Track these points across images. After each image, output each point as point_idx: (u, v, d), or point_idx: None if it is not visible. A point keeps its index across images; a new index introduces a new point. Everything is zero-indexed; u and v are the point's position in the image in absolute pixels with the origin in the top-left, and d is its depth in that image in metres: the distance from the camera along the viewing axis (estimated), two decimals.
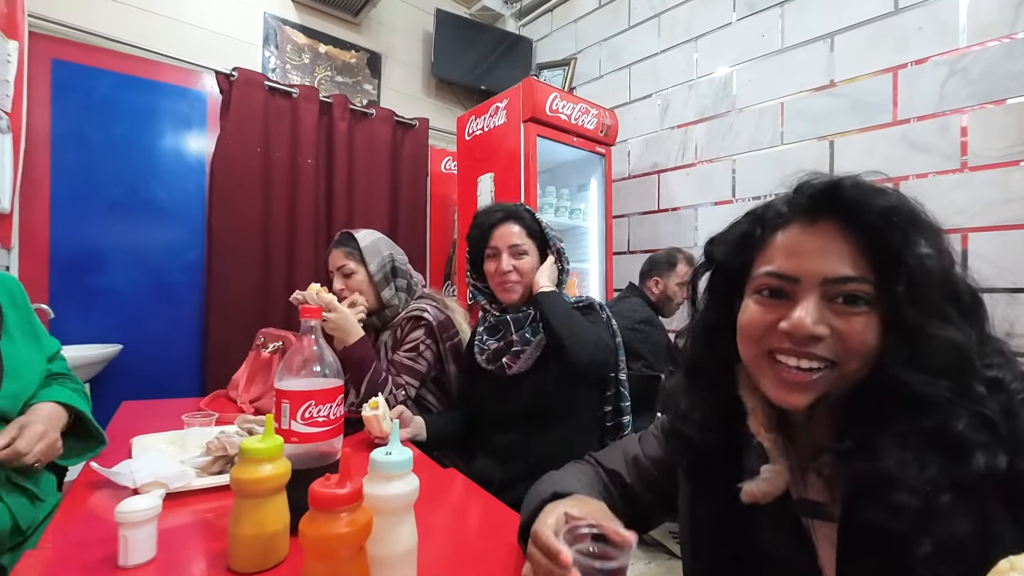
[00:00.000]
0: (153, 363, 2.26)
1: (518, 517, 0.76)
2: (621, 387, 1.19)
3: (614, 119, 2.51)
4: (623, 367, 1.19)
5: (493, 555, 0.66)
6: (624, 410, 1.19)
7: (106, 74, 2.23)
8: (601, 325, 1.18)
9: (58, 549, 0.62)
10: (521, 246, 1.19)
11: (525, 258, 1.19)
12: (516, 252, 1.19)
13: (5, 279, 0.95)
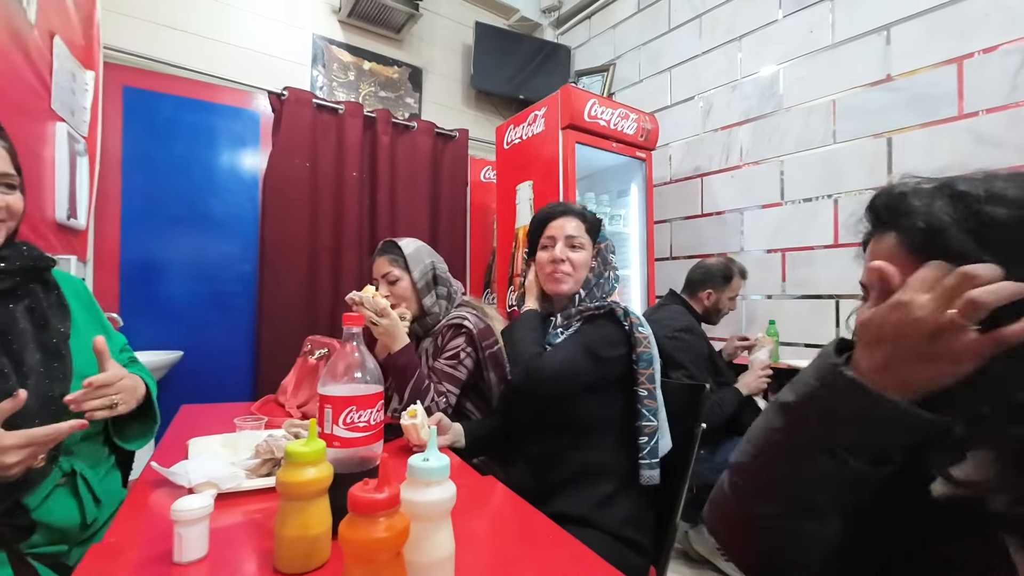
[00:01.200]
0: (210, 368, 2.38)
1: (555, 527, 0.75)
2: (639, 404, 1.06)
3: (654, 123, 2.47)
4: (643, 379, 1.07)
5: (529, 564, 0.65)
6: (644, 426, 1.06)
7: (170, 98, 2.39)
8: (603, 333, 1.09)
9: (120, 544, 0.66)
10: (578, 239, 1.16)
11: (581, 252, 1.17)
12: (572, 244, 1.17)
13: (72, 280, 1.02)
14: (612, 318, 1.11)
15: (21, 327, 0.83)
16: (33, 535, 0.79)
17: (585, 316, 1.14)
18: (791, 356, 2.10)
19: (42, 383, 0.82)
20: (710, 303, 1.94)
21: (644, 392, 1.06)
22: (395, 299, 1.41)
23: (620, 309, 1.11)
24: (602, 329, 1.11)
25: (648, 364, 1.08)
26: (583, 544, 0.68)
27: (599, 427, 1.09)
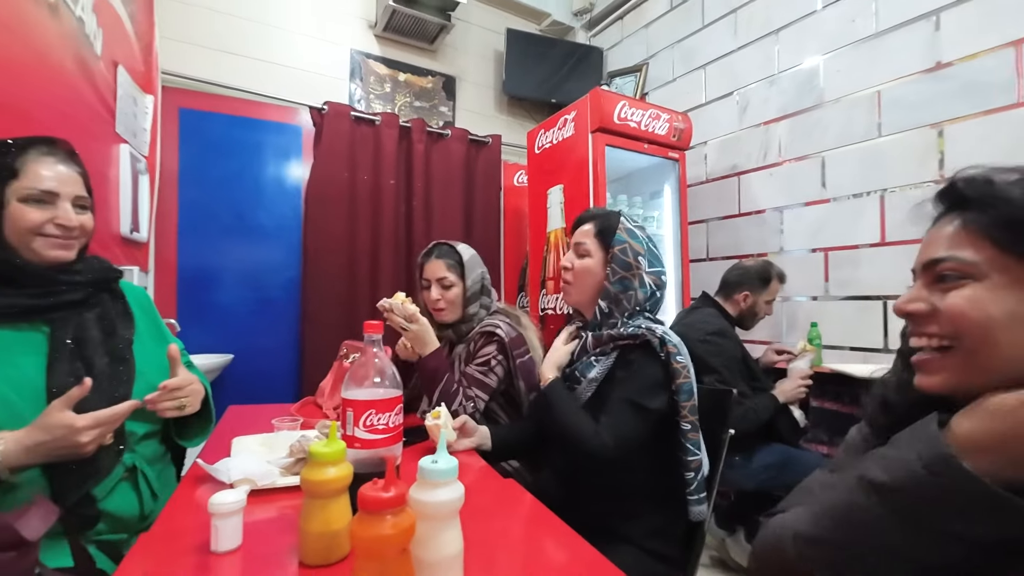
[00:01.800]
0: (258, 371, 2.51)
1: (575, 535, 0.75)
2: (683, 438, 1.02)
3: (687, 122, 2.43)
4: (685, 412, 1.02)
5: (541, 569, 0.67)
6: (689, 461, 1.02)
7: (221, 117, 2.55)
8: (644, 377, 1.03)
9: (165, 533, 0.72)
10: (583, 245, 1.13)
11: (584, 260, 1.13)
12: (577, 251, 1.14)
13: (135, 289, 1.11)
14: (648, 351, 1.04)
15: (92, 334, 0.92)
16: (99, 524, 0.87)
17: (620, 345, 1.07)
18: (835, 360, 2.01)
19: (108, 385, 0.90)
20: (746, 306, 1.88)
21: (687, 426, 1.02)
22: (445, 303, 1.42)
23: (655, 339, 1.03)
24: (642, 370, 1.03)
25: (689, 395, 1.02)
26: (600, 553, 0.69)
27: (635, 450, 1.05)
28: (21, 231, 0.84)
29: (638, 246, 1.10)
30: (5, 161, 0.84)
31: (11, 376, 0.80)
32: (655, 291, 1.12)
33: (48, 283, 0.88)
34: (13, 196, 0.84)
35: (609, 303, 1.10)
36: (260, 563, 0.65)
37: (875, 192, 1.98)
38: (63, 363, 0.85)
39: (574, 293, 1.15)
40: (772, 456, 1.69)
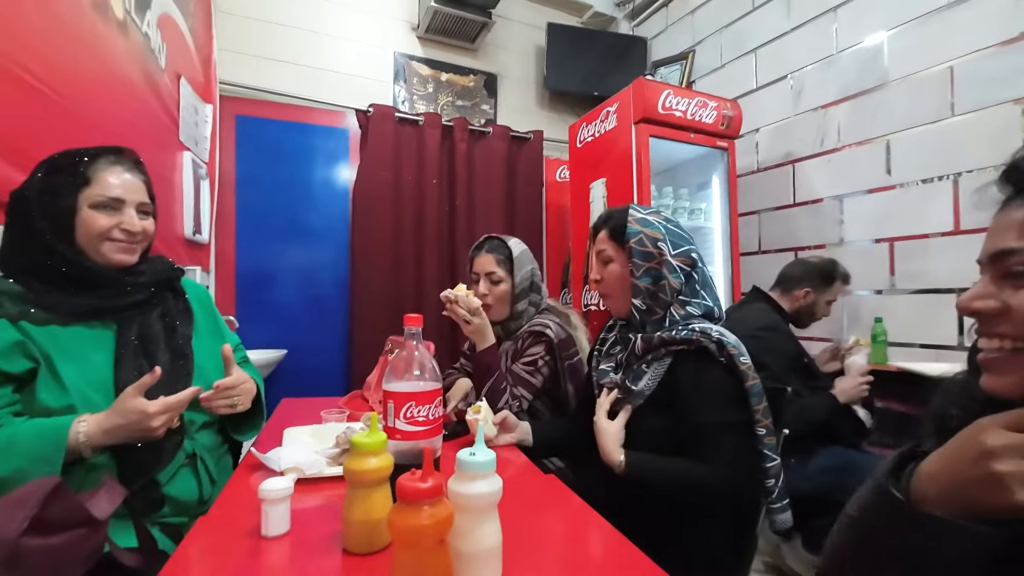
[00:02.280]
0: (309, 365, 2.62)
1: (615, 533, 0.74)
2: (759, 445, 0.96)
3: (737, 110, 2.33)
4: (758, 416, 0.95)
5: (582, 567, 0.65)
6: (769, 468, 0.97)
7: (275, 123, 2.66)
8: (715, 390, 0.96)
9: (221, 517, 0.76)
10: (604, 252, 1.09)
11: (609, 266, 1.08)
12: (600, 260, 1.10)
13: (196, 287, 1.18)
14: (707, 357, 0.96)
15: (155, 331, 0.97)
16: (163, 507, 0.93)
17: (674, 351, 1.00)
18: (903, 358, 1.87)
19: (170, 380, 0.95)
20: (805, 303, 1.77)
21: (762, 430, 0.95)
22: (492, 299, 1.42)
23: (712, 343, 0.96)
24: (712, 383, 0.96)
25: (760, 398, 0.95)
26: (647, 557, 0.66)
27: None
28: (91, 236, 0.91)
29: (654, 232, 1.03)
30: (79, 170, 0.91)
31: (84, 370, 0.86)
32: (689, 272, 1.04)
33: (115, 285, 0.94)
34: (85, 203, 0.90)
35: (644, 299, 1.04)
36: (306, 549, 0.67)
37: (947, 177, 1.83)
38: (129, 359, 0.91)
39: (611, 301, 1.11)
40: (831, 459, 1.59)
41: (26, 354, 0.82)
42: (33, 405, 0.82)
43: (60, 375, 0.83)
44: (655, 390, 1.00)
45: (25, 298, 0.84)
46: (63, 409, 0.82)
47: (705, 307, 1.04)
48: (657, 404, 1.00)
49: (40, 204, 0.87)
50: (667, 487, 0.94)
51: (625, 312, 1.09)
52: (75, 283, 0.89)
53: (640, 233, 1.03)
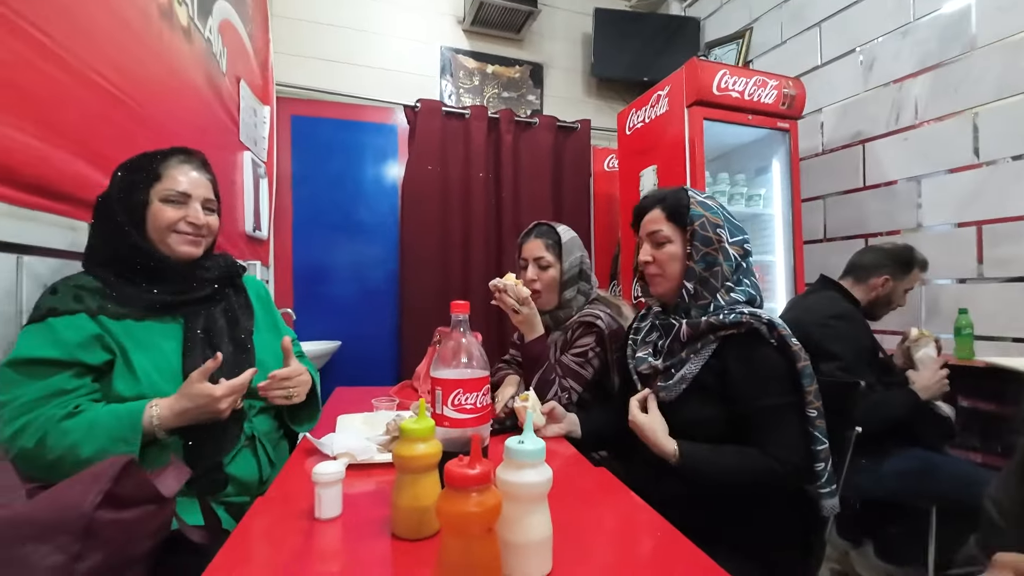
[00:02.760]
0: (362, 356, 2.69)
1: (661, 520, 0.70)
2: (810, 427, 0.92)
3: (799, 88, 2.18)
4: (810, 398, 0.93)
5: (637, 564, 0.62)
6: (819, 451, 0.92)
7: (327, 121, 2.75)
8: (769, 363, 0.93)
9: (278, 498, 0.78)
10: (660, 233, 1.05)
11: (666, 247, 1.04)
12: (654, 241, 1.06)
13: (254, 282, 1.22)
14: (758, 339, 0.95)
15: (219, 325, 1.03)
16: (227, 487, 0.97)
17: (720, 336, 0.97)
18: (991, 352, 1.70)
19: (232, 372, 0.99)
20: (883, 292, 1.63)
21: (813, 412, 0.92)
22: (541, 285, 1.40)
23: (762, 324, 0.94)
24: (764, 364, 0.93)
25: (811, 379, 0.93)
26: (704, 553, 0.63)
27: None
28: (160, 227, 0.97)
29: (715, 218, 1.02)
30: (151, 167, 0.98)
31: (155, 360, 0.92)
32: (740, 262, 1.03)
33: (183, 280, 1.00)
34: (155, 197, 0.97)
35: (695, 283, 1.02)
36: (357, 532, 0.68)
37: None
38: (195, 350, 0.96)
39: (663, 283, 1.07)
40: (908, 462, 1.46)
41: (104, 346, 0.87)
42: (109, 394, 0.88)
43: (134, 366, 0.88)
44: (702, 376, 0.98)
45: (103, 294, 0.90)
46: (135, 397, 0.87)
47: (749, 294, 1.03)
48: (704, 391, 0.98)
49: (119, 199, 0.94)
50: (724, 474, 0.92)
51: (671, 295, 1.07)
52: (147, 277, 0.95)
53: (703, 217, 1.02)
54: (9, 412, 0.79)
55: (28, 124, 0.91)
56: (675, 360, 1.02)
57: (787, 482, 0.90)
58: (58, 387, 0.83)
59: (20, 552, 0.52)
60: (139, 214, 0.95)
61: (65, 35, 1.01)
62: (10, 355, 0.82)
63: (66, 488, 0.58)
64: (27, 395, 0.80)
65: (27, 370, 0.81)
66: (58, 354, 0.82)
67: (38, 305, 0.86)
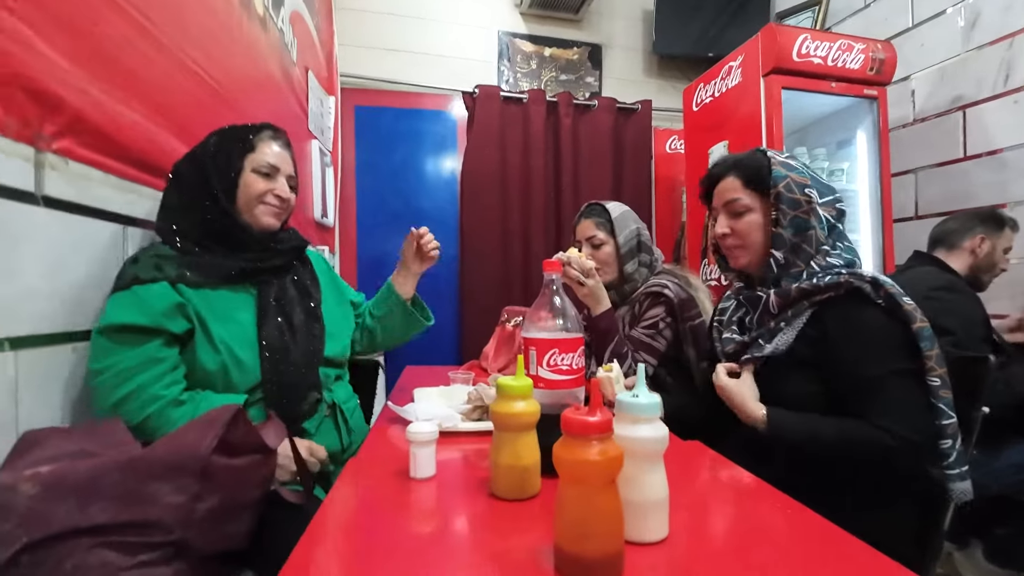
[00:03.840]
0: (424, 339, 2.70)
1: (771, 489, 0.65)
2: (932, 398, 0.82)
3: (890, 51, 2.01)
4: (931, 363, 0.81)
5: (762, 535, 0.58)
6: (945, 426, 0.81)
7: (389, 111, 2.79)
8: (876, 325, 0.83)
9: (369, 460, 0.79)
10: (738, 202, 0.95)
11: (745, 217, 0.95)
12: (732, 211, 0.97)
13: (317, 256, 1.25)
14: (861, 299, 0.84)
15: (290, 294, 1.05)
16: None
17: (817, 301, 0.88)
18: None
19: (306, 339, 1.02)
20: (982, 253, 1.47)
21: (936, 380, 0.80)
22: (598, 263, 1.36)
23: (864, 283, 0.84)
24: (870, 326, 0.83)
25: (932, 342, 0.81)
26: (820, 515, 0.58)
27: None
28: (250, 197, 0.99)
29: (801, 178, 0.92)
30: (247, 137, 1.01)
31: (232, 328, 0.93)
32: (834, 223, 0.93)
33: (261, 249, 1.02)
34: (248, 166, 0.99)
35: (786, 252, 0.92)
36: (454, 491, 0.67)
37: None
38: (270, 318, 0.98)
39: (745, 255, 0.98)
40: None
41: (185, 315, 0.88)
42: (195, 365, 0.89)
43: (212, 336, 0.89)
44: (796, 347, 0.89)
45: (181, 262, 0.91)
46: (218, 369, 0.89)
47: (847, 259, 0.91)
48: (800, 363, 0.88)
49: (214, 164, 0.96)
50: (822, 446, 0.82)
51: (755, 266, 0.97)
52: (227, 244, 0.97)
53: (787, 177, 0.91)
54: (110, 379, 0.80)
55: (136, 103, 0.96)
56: (766, 332, 0.93)
57: (901, 459, 0.79)
58: (152, 355, 0.84)
59: (148, 489, 0.55)
60: (231, 181, 0.97)
61: (164, 20, 1.06)
62: (100, 323, 0.83)
63: (183, 433, 0.60)
64: (123, 362, 0.81)
65: (119, 337, 0.82)
66: (146, 321, 0.83)
67: (121, 274, 0.87)
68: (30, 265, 0.74)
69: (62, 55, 0.78)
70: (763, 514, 0.63)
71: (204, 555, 0.62)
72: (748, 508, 0.65)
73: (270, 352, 0.93)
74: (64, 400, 0.81)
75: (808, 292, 0.88)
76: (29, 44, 0.72)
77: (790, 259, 0.92)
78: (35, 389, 0.75)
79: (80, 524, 0.55)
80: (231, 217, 0.97)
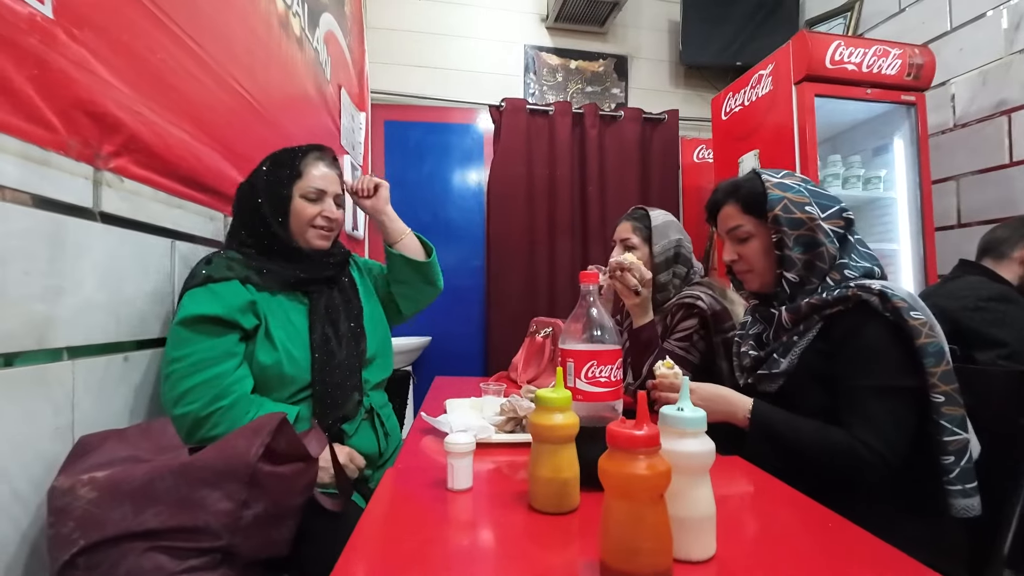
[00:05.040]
0: (451, 350, 2.75)
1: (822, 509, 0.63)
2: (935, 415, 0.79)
3: (928, 56, 1.96)
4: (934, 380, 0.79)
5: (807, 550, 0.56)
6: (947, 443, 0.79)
7: (417, 125, 2.85)
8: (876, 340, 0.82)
9: (407, 470, 0.80)
10: (740, 229, 0.97)
11: (749, 243, 0.97)
12: (735, 238, 0.98)
13: (363, 260, 1.29)
14: (867, 313, 0.83)
15: (337, 303, 1.10)
16: None
17: (826, 315, 0.88)
18: None
19: (351, 344, 1.07)
20: None
21: (939, 397, 0.79)
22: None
23: (872, 295, 0.83)
24: (870, 341, 0.83)
25: (938, 359, 0.79)
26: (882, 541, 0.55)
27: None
28: (301, 223, 1.04)
29: (798, 196, 0.92)
30: (294, 164, 1.05)
31: (289, 330, 0.99)
32: (844, 234, 0.93)
33: (314, 263, 1.07)
34: (297, 193, 1.04)
35: (797, 272, 0.92)
36: (493, 503, 0.67)
37: None
38: (320, 323, 1.03)
39: (755, 279, 1.00)
40: None
41: (255, 312, 0.94)
42: (252, 362, 0.94)
43: (272, 335, 0.95)
44: (807, 360, 0.89)
45: (248, 266, 0.97)
46: (273, 364, 0.93)
47: (863, 268, 0.91)
48: (812, 379, 0.89)
49: (266, 193, 1.02)
50: (800, 446, 0.84)
51: (770, 286, 0.98)
52: (285, 259, 1.03)
53: (783, 199, 0.92)
54: (185, 368, 0.84)
55: (184, 122, 1.01)
56: (778, 345, 0.94)
57: (870, 473, 0.78)
58: (229, 348, 0.88)
59: (199, 494, 0.56)
60: (283, 208, 1.02)
61: (210, 43, 1.11)
62: (178, 316, 0.87)
63: (231, 440, 0.62)
64: (201, 352, 0.85)
65: (199, 328, 0.86)
66: (224, 313, 0.88)
67: (194, 273, 0.92)
68: (88, 278, 0.78)
69: (121, 79, 0.82)
70: (809, 530, 0.61)
71: (248, 561, 0.63)
72: (793, 525, 0.63)
73: (319, 354, 0.98)
74: (116, 407, 0.85)
75: (817, 307, 0.89)
76: (92, 70, 0.76)
77: (804, 277, 0.93)
78: (90, 396, 0.78)
79: (134, 528, 0.57)
80: (285, 240, 1.03)
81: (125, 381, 0.87)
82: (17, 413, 0.65)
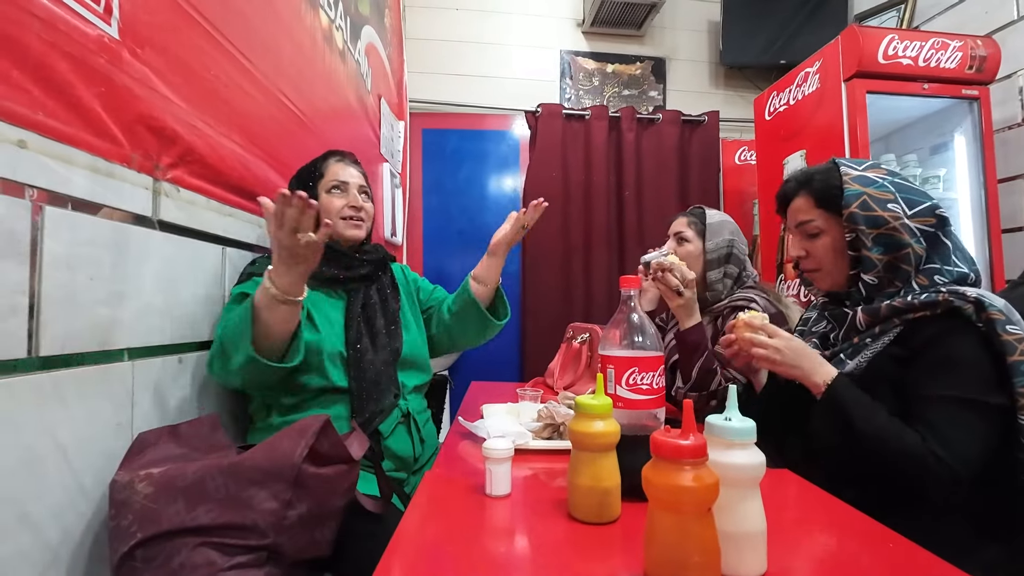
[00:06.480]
0: (487, 356, 2.75)
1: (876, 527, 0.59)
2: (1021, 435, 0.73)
3: (992, 47, 1.84)
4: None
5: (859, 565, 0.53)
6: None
7: (454, 132, 2.89)
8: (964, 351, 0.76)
9: (445, 475, 0.80)
10: (810, 224, 0.91)
11: (819, 239, 0.90)
12: (805, 233, 0.92)
13: (397, 268, 1.32)
14: (958, 321, 0.77)
15: (373, 301, 1.14)
16: (385, 460, 1.03)
17: (907, 319, 0.82)
18: None
19: (386, 342, 1.10)
20: None
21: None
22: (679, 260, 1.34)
23: (967, 303, 0.76)
24: (957, 351, 0.76)
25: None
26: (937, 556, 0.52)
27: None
28: (330, 215, 1.09)
29: (881, 192, 0.84)
30: (315, 167, 1.13)
31: (326, 321, 1.04)
32: (936, 233, 0.84)
33: (349, 260, 1.12)
34: (322, 190, 1.11)
35: (876, 273, 0.85)
36: (531, 511, 0.66)
37: None
38: (355, 320, 1.07)
39: (825, 279, 0.93)
40: None
41: None
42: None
43: (315, 320, 1.01)
44: (879, 365, 0.82)
45: None
46: (316, 340, 0.98)
47: (958, 274, 0.83)
48: (883, 383, 0.81)
49: None
50: (867, 433, 0.77)
51: (842, 286, 0.92)
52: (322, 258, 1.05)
53: (862, 195, 0.84)
54: (220, 325, 0.91)
55: (235, 134, 1.06)
56: (847, 346, 0.87)
57: (935, 485, 0.72)
58: None
59: (247, 493, 0.58)
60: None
61: (259, 58, 1.16)
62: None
63: (277, 441, 0.64)
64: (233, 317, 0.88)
65: (240, 300, 0.93)
66: None
67: (240, 275, 1.02)
68: (147, 283, 0.82)
69: (178, 95, 0.87)
70: (869, 550, 0.57)
71: (292, 561, 0.64)
72: (850, 543, 0.60)
73: (353, 350, 1.02)
74: (170, 405, 0.89)
75: (900, 310, 0.82)
76: (152, 87, 0.81)
77: (885, 280, 0.85)
78: (147, 394, 0.82)
79: (187, 524, 0.59)
80: None
81: (179, 381, 0.91)
82: (83, 411, 0.69)
